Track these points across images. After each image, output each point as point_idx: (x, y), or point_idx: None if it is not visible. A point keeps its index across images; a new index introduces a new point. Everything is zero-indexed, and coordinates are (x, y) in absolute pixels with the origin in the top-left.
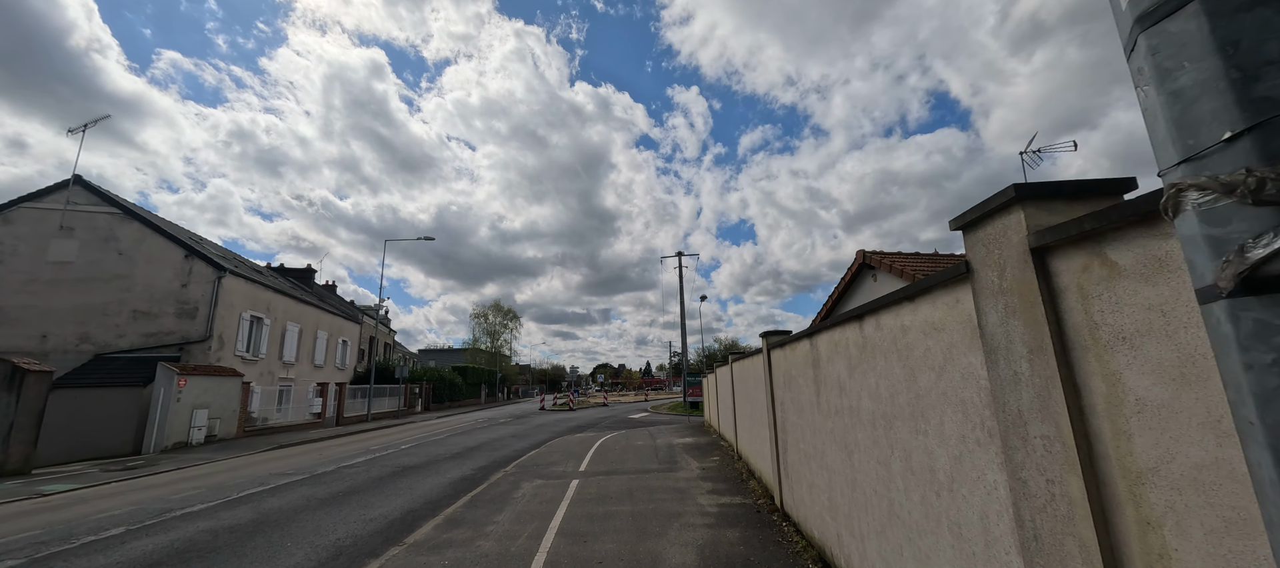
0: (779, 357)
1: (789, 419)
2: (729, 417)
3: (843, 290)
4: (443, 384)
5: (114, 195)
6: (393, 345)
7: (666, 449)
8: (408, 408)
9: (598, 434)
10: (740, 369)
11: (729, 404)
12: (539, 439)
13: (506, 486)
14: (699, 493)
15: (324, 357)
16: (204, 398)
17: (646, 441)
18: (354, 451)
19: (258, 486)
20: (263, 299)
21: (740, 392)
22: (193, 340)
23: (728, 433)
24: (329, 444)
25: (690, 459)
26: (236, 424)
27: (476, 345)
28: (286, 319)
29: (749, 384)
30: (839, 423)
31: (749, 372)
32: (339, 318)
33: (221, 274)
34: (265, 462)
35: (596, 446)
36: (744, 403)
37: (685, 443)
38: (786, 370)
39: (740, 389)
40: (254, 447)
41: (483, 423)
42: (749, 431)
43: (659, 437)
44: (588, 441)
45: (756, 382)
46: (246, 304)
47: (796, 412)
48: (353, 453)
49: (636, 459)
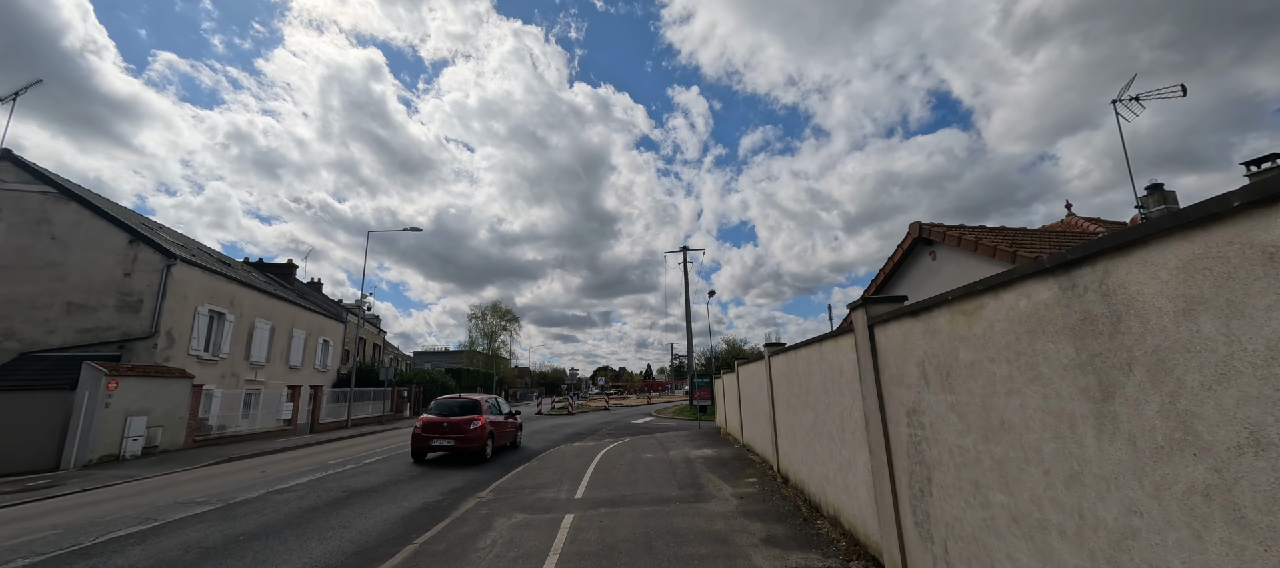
0: (894, 337)
1: (934, 436)
2: (762, 426)
3: (892, 269)
4: (434, 388)
5: (48, 172)
6: (384, 347)
7: (684, 465)
8: (395, 413)
9: (599, 443)
10: (785, 366)
11: (763, 411)
12: (534, 449)
13: (474, 524)
14: (750, 544)
15: (301, 357)
16: (142, 403)
17: (657, 452)
18: (307, 466)
19: (140, 523)
20: (225, 292)
21: (786, 396)
22: (135, 337)
23: (758, 444)
24: (284, 458)
25: (718, 481)
26: (185, 433)
27: (473, 348)
28: (255, 316)
29: (806, 386)
30: None
31: (806, 368)
32: (320, 316)
33: (171, 262)
34: (192, 481)
35: (598, 459)
36: (794, 410)
37: (705, 456)
38: (945, 357)
39: (786, 393)
40: (196, 460)
41: None
42: (804, 446)
43: (671, 447)
44: (587, 452)
45: (829, 382)
46: (204, 297)
47: (960, 429)
48: (303, 469)
49: (649, 480)
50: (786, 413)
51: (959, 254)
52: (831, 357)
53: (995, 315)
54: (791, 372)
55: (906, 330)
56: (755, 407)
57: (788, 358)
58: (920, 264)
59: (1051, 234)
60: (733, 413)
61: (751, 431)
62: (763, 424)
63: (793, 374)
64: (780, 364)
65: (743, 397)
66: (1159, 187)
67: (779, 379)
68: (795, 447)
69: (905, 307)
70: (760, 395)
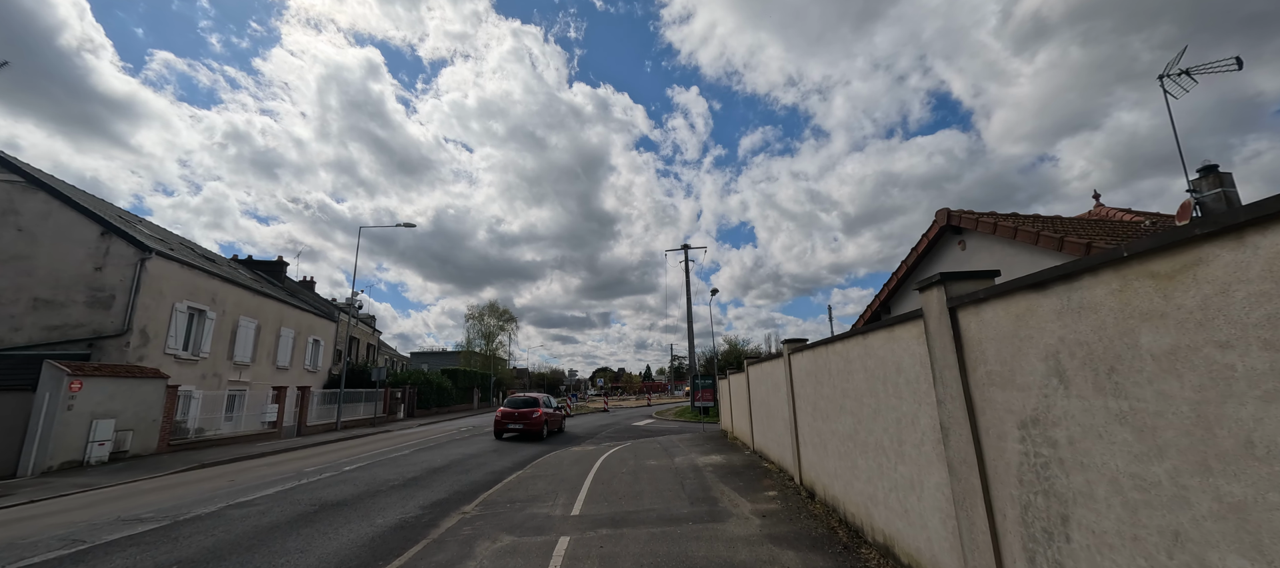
0: (995, 322)
1: (1078, 458)
2: (779, 432)
3: (916, 262)
4: (429, 388)
5: (15, 160)
6: (378, 347)
7: (692, 474)
8: (388, 414)
9: (598, 447)
10: (812, 364)
11: (782, 415)
12: (524, 456)
13: (452, 550)
14: None
15: (289, 357)
16: (110, 405)
17: (661, 458)
18: (281, 473)
19: (64, 546)
20: (206, 288)
21: (813, 399)
22: (107, 335)
23: (773, 451)
24: (260, 464)
25: (733, 494)
26: (158, 437)
27: (470, 348)
28: (239, 313)
29: (842, 387)
30: None
31: (841, 366)
32: (310, 315)
33: (146, 256)
34: (151, 492)
35: (597, 465)
36: (825, 416)
37: (714, 464)
38: (1108, 344)
39: (813, 395)
40: (166, 466)
41: (465, 432)
42: (840, 457)
43: (675, 452)
44: (586, 458)
45: (879, 382)
46: (182, 293)
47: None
48: (276, 477)
49: (655, 492)
50: (814, 418)
51: (994, 242)
52: (883, 351)
53: (1232, 275)
54: (820, 371)
55: (1021, 312)
56: (770, 410)
57: (815, 355)
58: (948, 255)
59: (1089, 223)
60: (741, 416)
61: (765, 436)
62: (780, 430)
63: (822, 374)
64: (804, 362)
65: (754, 399)
66: (1213, 169)
67: (802, 379)
68: (825, 457)
69: (1022, 280)
70: (777, 398)
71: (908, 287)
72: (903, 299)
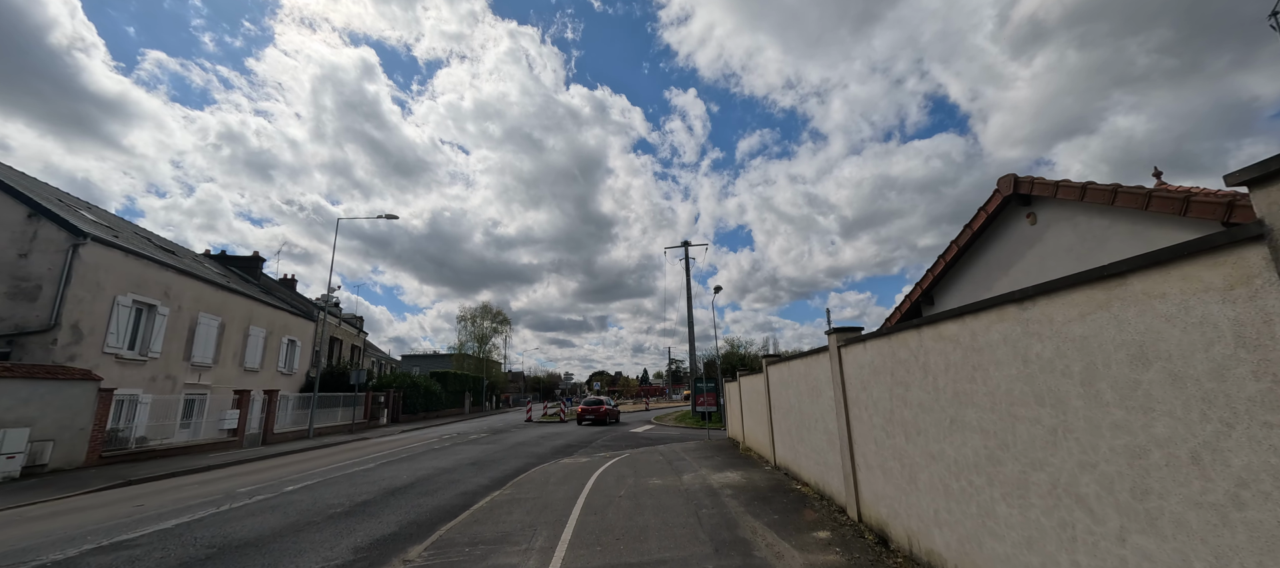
0: None
1: None
2: (818, 446)
3: (969, 242)
4: (416, 392)
5: None
6: (364, 348)
7: (707, 498)
8: (370, 420)
9: (592, 459)
10: (875, 359)
11: (824, 428)
12: (506, 471)
13: None
14: None
15: (260, 358)
16: (23, 411)
17: (666, 473)
18: (206, 496)
19: None
20: (157, 281)
21: (885, 408)
22: (30, 331)
23: (808, 470)
24: (193, 481)
25: (767, 531)
26: (86, 448)
27: (463, 351)
28: (199, 309)
29: (959, 390)
30: None
31: (961, 360)
32: (286, 313)
33: (79, 242)
34: (34, 521)
35: (589, 485)
36: (913, 434)
37: (731, 484)
38: None
39: (885, 404)
40: (84, 484)
41: (447, 441)
42: (940, 491)
43: (682, 466)
44: (577, 474)
45: (1079, 383)
46: (127, 285)
47: None
48: (196, 501)
49: (663, 528)
50: (888, 434)
51: (1078, 213)
52: (1076, 331)
53: None
54: (904, 368)
55: None
56: (804, 419)
57: (890, 346)
58: (1013, 231)
59: (1166, 196)
60: (757, 425)
61: (792, 450)
62: (819, 445)
63: (907, 372)
64: (866, 357)
65: (776, 405)
66: None
67: (865, 380)
68: (912, 491)
69: None
70: (814, 405)
71: (956, 275)
72: (949, 289)
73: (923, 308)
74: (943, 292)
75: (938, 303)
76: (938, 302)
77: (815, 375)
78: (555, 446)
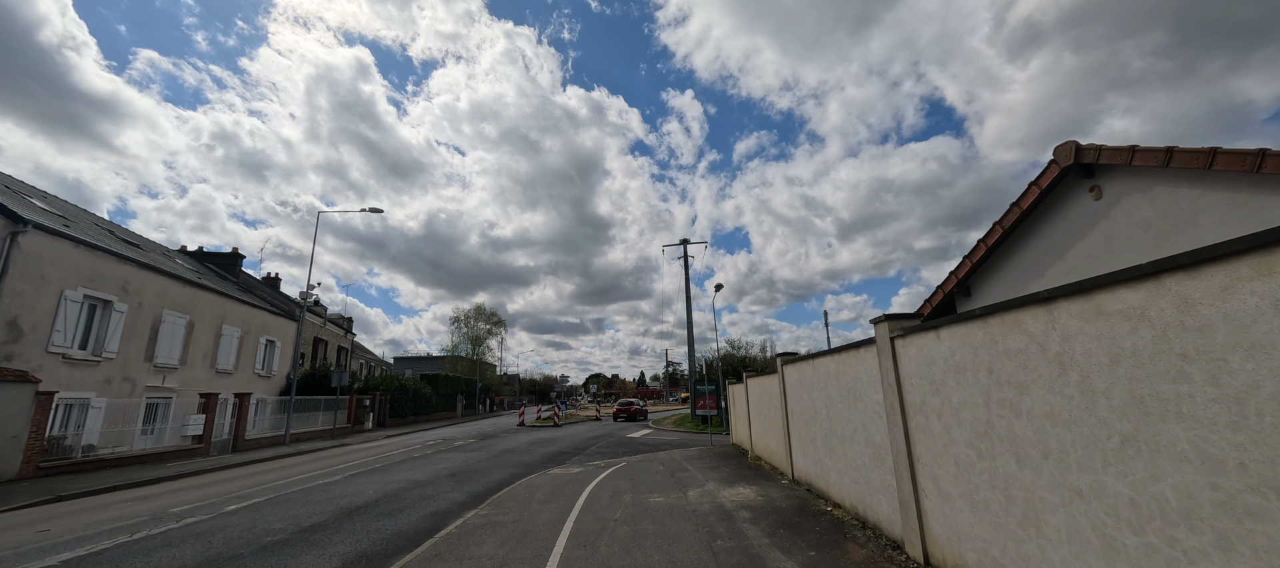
0: None
1: None
2: (859, 460)
3: (1018, 221)
4: (404, 395)
5: None
6: (352, 350)
7: (721, 523)
8: (354, 425)
9: (585, 469)
10: (951, 354)
11: (864, 438)
12: (487, 484)
13: None
14: None
15: (234, 360)
16: None
17: (669, 489)
18: (132, 516)
19: None
20: (113, 274)
21: (963, 417)
22: None
23: (835, 485)
24: (130, 497)
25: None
26: (20, 457)
27: (456, 353)
28: (162, 306)
29: (1110, 397)
30: None
31: (1114, 356)
32: (264, 312)
33: (19, 229)
34: None
35: (580, 504)
36: (1029, 458)
37: (747, 503)
38: None
39: (961, 411)
40: (7, 500)
41: (430, 447)
42: (1071, 530)
43: (687, 479)
44: (567, 488)
45: None
46: (77, 278)
47: None
48: (116, 524)
49: (668, 563)
50: (979, 455)
51: (1157, 183)
52: None
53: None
54: (1017, 365)
55: None
56: (833, 428)
57: (986, 334)
58: (1071, 208)
59: None
60: (769, 432)
61: (817, 463)
62: (859, 459)
63: (1025, 372)
64: (943, 351)
65: (793, 411)
66: None
67: (935, 381)
68: (1034, 539)
69: None
70: (852, 412)
71: (998, 263)
72: (989, 280)
73: (957, 302)
74: (982, 283)
75: (976, 296)
76: (976, 295)
77: (853, 375)
78: (546, 453)
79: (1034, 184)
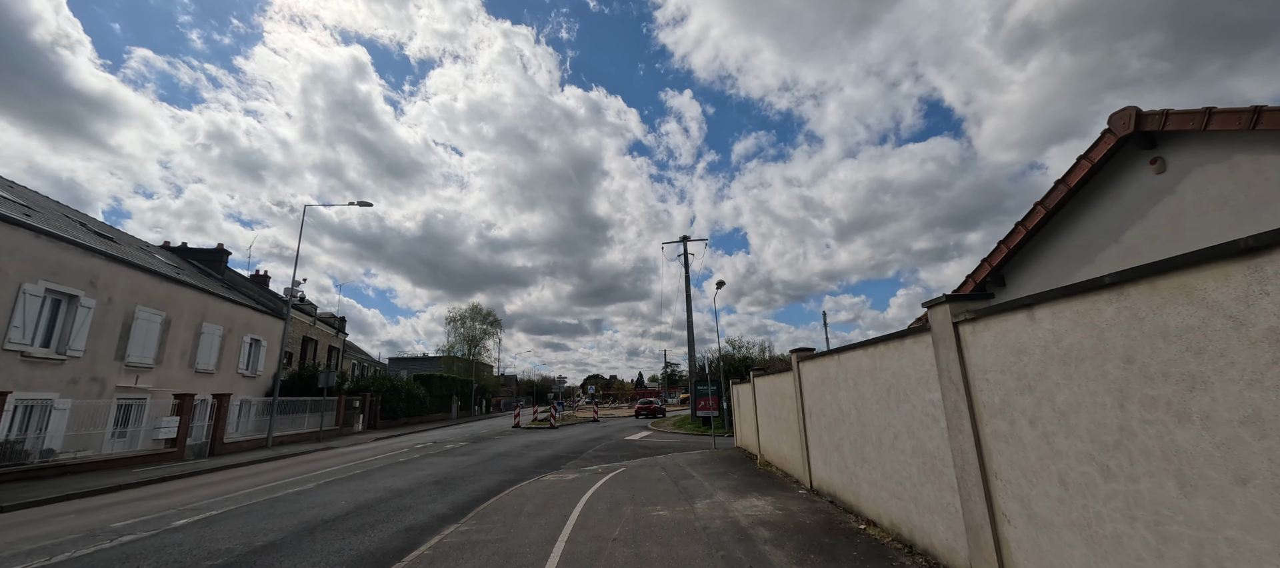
0: None
1: None
2: (906, 473)
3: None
4: (396, 396)
5: None
6: (344, 349)
7: (739, 545)
8: (343, 427)
9: (581, 474)
10: (1042, 337)
11: (914, 447)
12: (473, 492)
13: None
14: None
15: (215, 359)
16: None
17: (674, 499)
18: (49, 537)
19: None
20: (80, 268)
21: (1050, 415)
22: None
23: (868, 499)
24: (72, 510)
25: None
26: None
27: (451, 353)
28: (135, 302)
29: None
30: None
31: None
32: (248, 310)
33: None
34: None
35: (575, 516)
36: (1206, 470)
37: (765, 519)
38: None
39: (1047, 408)
40: None
41: (419, 451)
42: None
43: (692, 487)
44: (561, 496)
45: None
46: (38, 272)
47: None
48: (22, 548)
49: None
50: (1104, 476)
51: (1236, 151)
52: None
53: None
54: (1151, 352)
55: None
56: (866, 433)
57: (1115, 311)
58: (1127, 184)
59: None
60: (780, 436)
61: (844, 472)
62: (903, 471)
63: (1156, 361)
64: (1039, 339)
65: (811, 412)
66: None
67: (1028, 378)
68: None
69: None
70: (894, 415)
71: (1038, 249)
72: (1027, 268)
73: (990, 293)
74: (1018, 273)
75: (1012, 287)
76: (1012, 286)
77: (895, 370)
78: (540, 457)
79: (1084, 158)
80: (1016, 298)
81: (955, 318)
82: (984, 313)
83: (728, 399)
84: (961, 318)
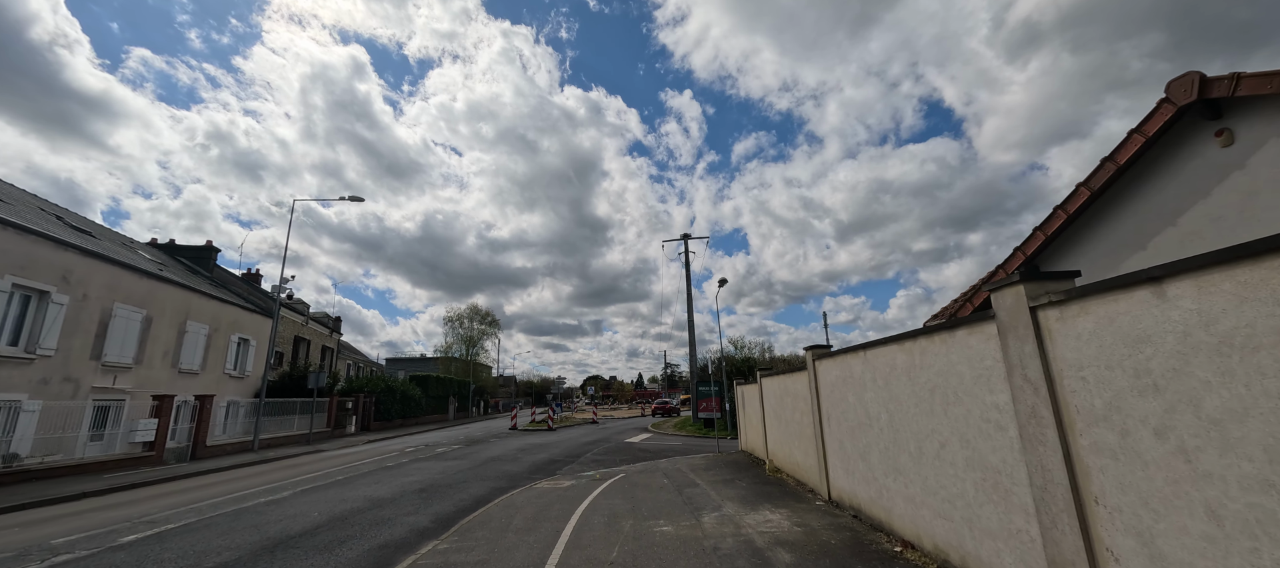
0: None
1: None
2: (958, 490)
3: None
4: (391, 397)
5: None
6: (338, 349)
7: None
8: (334, 429)
9: (578, 481)
10: (1226, 303)
11: (955, 457)
12: (461, 502)
13: None
14: None
15: (200, 359)
16: None
17: (678, 512)
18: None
19: None
20: (52, 262)
21: (1209, 428)
22: None
23: (903, 515)
24: (16, 523)
25: None
26: None
27: (449, 354)
28: (113, 299)
29: None
30: None
31: None
32: (236, 308)
33: None
34: None
35: (568, 532)
36: None
37: (781, 536)
38: None
39: (1204, 413)
40: None
41: (408, 454)
42: None
43: (697, 497)
44: (554, 506)
45: None
46: (4, 266)
47: None
48: None
49: None
50: None
51: None
52: None
53: None
54: None
55: None
56: (900, 440)
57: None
58: (1188, 159)
59: None
60: (792, 440)
61: (869, 482)
62: (954, 486)
63: None
64: (1146, 322)
65: (829, 416)
66: None
67: (1139, 373)
68: None
69: None
70: (940, 421)
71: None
72: (1068, 254)
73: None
74: (1056, 259)
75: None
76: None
77: (942, 367)
78: (535, 461)
79: (1136, 131)
80: (1133, 272)
81: (1033, 301)
82: (1079, 293)
83: (731, 400)
84: (1043, 301)
